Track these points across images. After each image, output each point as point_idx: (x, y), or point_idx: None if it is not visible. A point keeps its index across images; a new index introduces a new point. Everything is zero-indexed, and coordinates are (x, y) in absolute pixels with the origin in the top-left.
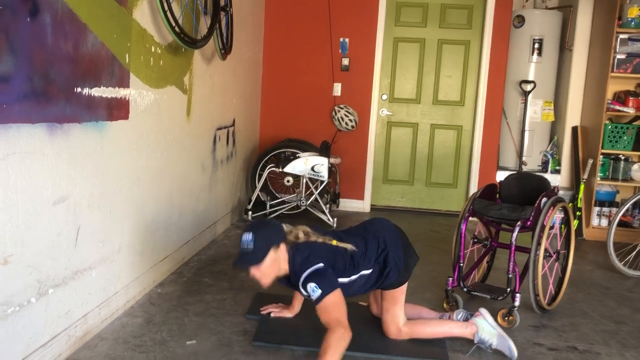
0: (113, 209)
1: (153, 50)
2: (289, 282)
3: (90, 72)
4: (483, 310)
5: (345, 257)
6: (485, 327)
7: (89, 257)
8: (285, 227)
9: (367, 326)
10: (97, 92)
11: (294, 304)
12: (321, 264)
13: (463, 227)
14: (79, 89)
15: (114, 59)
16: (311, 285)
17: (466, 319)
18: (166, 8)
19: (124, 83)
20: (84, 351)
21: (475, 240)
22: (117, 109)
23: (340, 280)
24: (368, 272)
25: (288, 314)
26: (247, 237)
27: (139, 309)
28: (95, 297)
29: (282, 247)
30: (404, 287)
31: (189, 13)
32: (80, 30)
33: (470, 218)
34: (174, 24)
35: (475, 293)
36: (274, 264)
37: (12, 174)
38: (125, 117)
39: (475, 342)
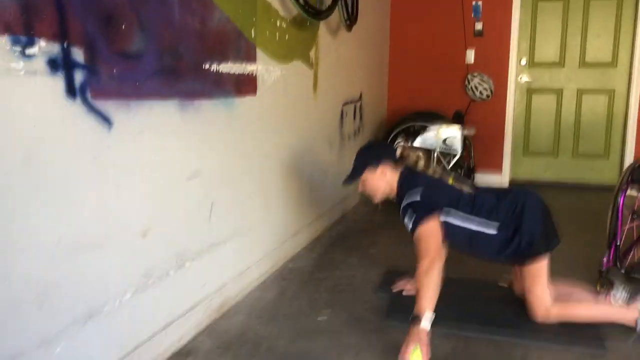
0: (243, 186)
1: (278, 24)
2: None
3: (218, 48)
4: None
5: (458, 195)
6: None
7: (222, 231)
8: (404, 150)
9: (510, 308)
10: (225, 68)
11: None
12: (418, 198)
13: (620, 200)
14: (207, 65)
15: (240, 34)
16: (406, 218)
17: (628, 302)
18: None
19: (250, 58)
20: (221, 322)
21: (635, 216)
22: (245, 85)
23: (453, 221)
24: (492, 233)
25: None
26: (355, 158)
27: (271, 284)
28: (229, 270)
29: (384, 169)
30: (544, 263)
31: None
32: (207, 5)
33: (629, 191)
34: None
35: (636, 275)
36: (376, 182)
37: (147, 150)
38: (253, 92)
39: (638, 329)
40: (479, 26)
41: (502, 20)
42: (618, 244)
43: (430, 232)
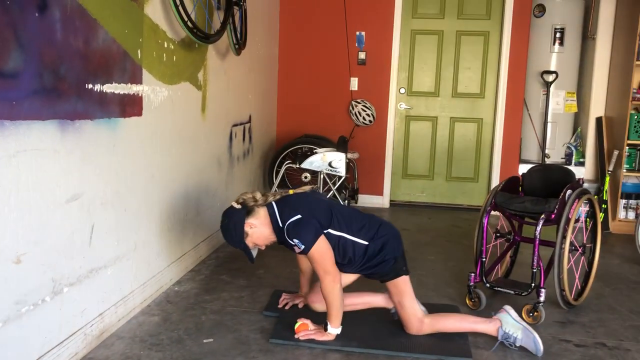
0: (128, 207)
1: (166, 45)
2: (281, 242)
3: (102, 68)
4: (507, 307)
5: (320, 204)
6: (509, 321)
7: (104, 255)
8: (236, 203)
9: (387, 323)
10: (109, 88)
11: (302, 285)
12: (297, 216)
13: (485, 221)
14: (90, 85)
15: (125, 55)
16: (294, 242)
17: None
18: (178, 3)
19: (136, 79)
20: (101, 350)
21: (498, 234)
22: (130, 106)
23: (333, 232)
24: (364, 243)
25: (300, 297)
26: (224, 236)
27: (156, 308)
28: (111, 295)
29: (250, 225)
30: (407, 279)
31: (202, 8)
32: (91, 25)
33: (493, 212)
34: (186, 19)
35: (499, 289)
36: (258, 237)
37: (24, 172)
38: (139, 113)
39: (499, 337)
40: (362, 55)
41: (383, 51)
42: (484, 260)
43: (323, 250)
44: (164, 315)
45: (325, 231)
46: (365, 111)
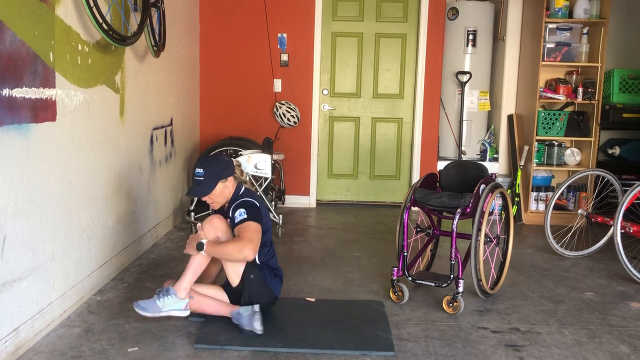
0: (43, 216)
1: (80, 48)
2: (221, 210)
3: (10, 72)
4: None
5: (269, 219)
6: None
7: (18, 267)
8: (235, 162)
9: (311, 322)
10: (18, 93)
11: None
12: (256, 202)
13: (405, 216)
14: None
15: (36, 58)
16: (240, 210)
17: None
18: (92, 4)
19: (49, 83)
20: None
21: (418, 229)
22: (43, 111)
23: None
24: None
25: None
26: (200, 171)
27: (77, 319)
28: (27, 308)
29: (230, 181)
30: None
31: (117, 9)
32: None
33: (413, 208)
34: (101, 21)
35: (420, 281)
36: (221, 193)
37: None
38: (52, 118)
39: (233, 320)
40: (284, 57)
41: (305, 53)
42: (406, 254)
43: (258, 232)
44: (85, 327)
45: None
46: (289, 112)
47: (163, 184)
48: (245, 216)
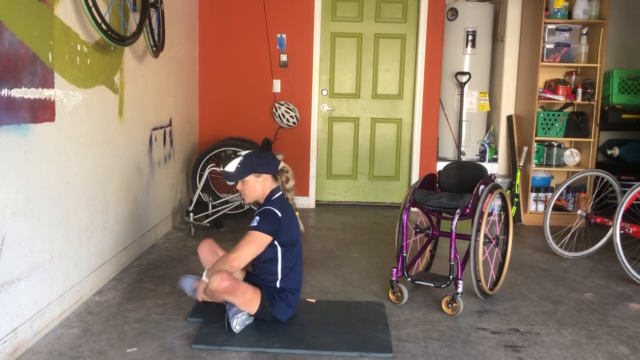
0: (42, 216)
1: (79, 48)
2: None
3: (9, 72)
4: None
5: (295, 231)
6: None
7: (17, 267)
8: (284, 166)
9: (310, 322)
10: (17, 93)
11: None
12: (279, 213)
13: (404, 217)
14: None
15: (35, 58)
16: (256, 217)
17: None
18: (91, 4)
19: (47, 83)
20: None
21: (418, 230)
22: (42, 111)
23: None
24: (276, 278)
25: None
26: (240, 158)
27: (76, 319)
28: (25, 309)
29: (266, 178)
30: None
31: (116, 9)
32: None
33: (412, 208)
34: (100, 21)
35: (420, 282)
36: (252, 187)
37: None
38: (51, 119)
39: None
40: (284, 58)
41: (304, 53)
42: (405, 255)
43: (258, 241)
44: (84, 327)
45: (275, 242)
46: (288, 113)
47: (162, 185)
48: (255, 224)
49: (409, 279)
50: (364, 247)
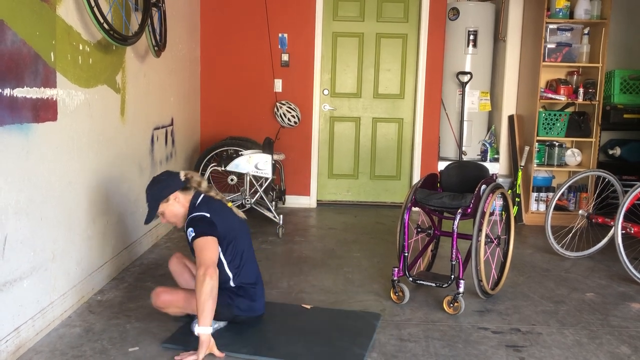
0: (44, 215)
1: (81, 48)
2: (184, 230)
3: (11, 72)
4: None
5: (233, 222)
6: None
7: (19, 267)
8: (185, 174)
9: (291, 330)
10: (19, 92)
11: None
12: (206, 214)
13: (406, 217)
14: None
15: (37, 58)
16: (189, 229)
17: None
18: (93, 4)
19: (49, 83)
20: None
21: (419, 229)
22: (44, 110)
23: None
24: (228, 274)
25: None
26: (150, 186)
27: (78, 318)
28: (28, 308)
29: (175, 197)
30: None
31: (118, 9)
32: None
33: (413, 208)
34: (102, 20)
35: (421, 282)
36: (171, 213)
37: None
38: (53, 118)
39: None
40: (285, 57)
41: (306, 53)
42: (406, 255)
43: (207, 245)
44: (86, 326)
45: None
46: (290, 112)
47: None
48: (194, 234)
49: (411, 279)
50: (365, 247)
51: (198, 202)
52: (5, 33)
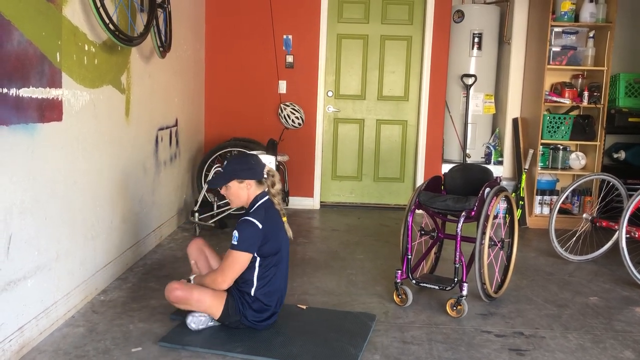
0: (48, 215)
1: (86, 48)
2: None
3: (17, 72)
4: None
5: (280, 238)
6: None
7: (23, 266)
8: (268, 169)
9: (287, 330)
10: (25, 92)
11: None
12: (259, 224)
13: (410, 219)
14: (4, 90)
15: (43, 58)
16: (235, 233)
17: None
18: (99, 5)
19: (55, 83)
20: None
21: (422, 232)
22: (49, 110)
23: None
24: (251, 288)
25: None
26: (224, 163)
27: (81, 318)
28: (31, 308)
29: (249, 184)
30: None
31: (124, 10)
32: (4, 27)
33: (417, 210)
34: (107, 21)
35: (424, 284)
36: (236, 193)
37: None
38: (59, 118)
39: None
40: (290, 59)
41: (310, 55)
42: (410, 257)
43: (239, 262)
44: (89, 326)
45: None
46: (294, 114)
47: (168, 185)
48: (235, 242)
49: (414, 281)
50: (369, 249)
51: (260, 202)
52: (12, 34)
